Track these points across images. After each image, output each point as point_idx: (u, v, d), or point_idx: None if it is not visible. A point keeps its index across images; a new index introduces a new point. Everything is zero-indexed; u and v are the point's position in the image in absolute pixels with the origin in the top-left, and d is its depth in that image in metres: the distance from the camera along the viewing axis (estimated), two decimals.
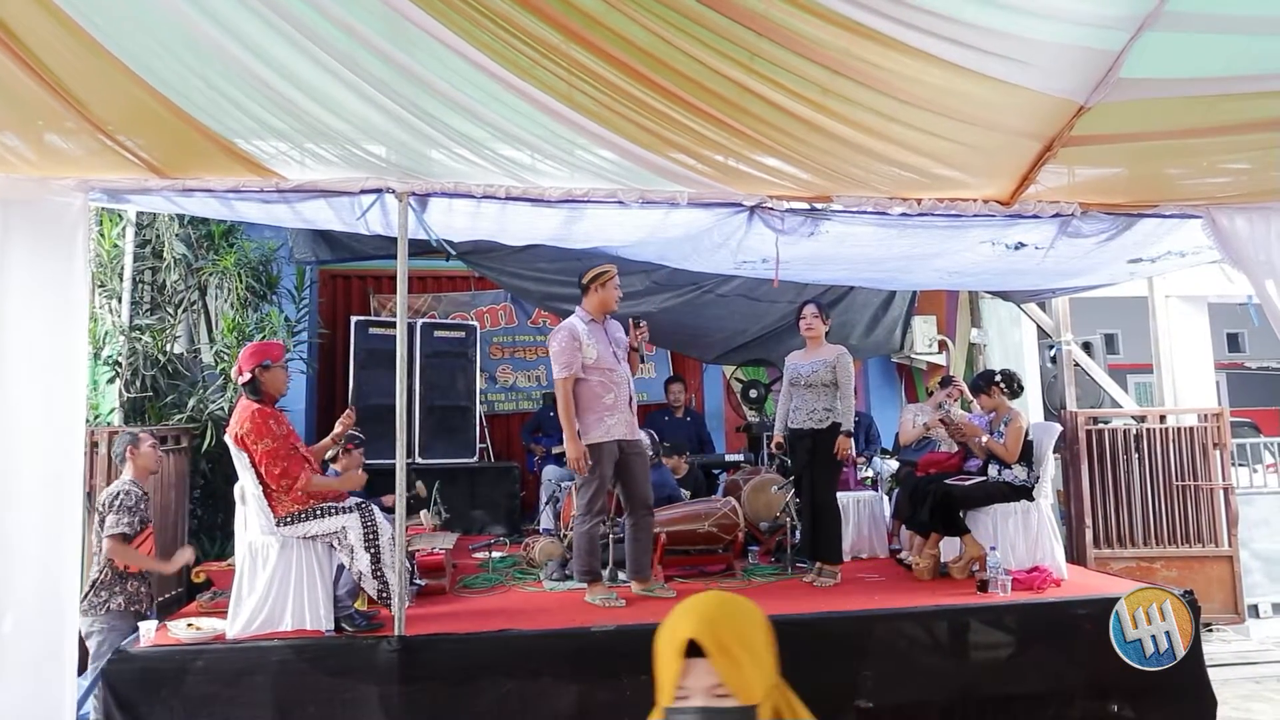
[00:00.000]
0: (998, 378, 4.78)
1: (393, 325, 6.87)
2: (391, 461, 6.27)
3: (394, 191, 3.65)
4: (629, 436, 4.27)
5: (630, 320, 4.44)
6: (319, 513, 3.53)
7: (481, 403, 7.72)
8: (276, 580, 3.50)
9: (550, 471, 6.42)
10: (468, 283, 8.20)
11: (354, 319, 6.66)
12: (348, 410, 3.92)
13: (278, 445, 3.53)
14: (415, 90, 3.32)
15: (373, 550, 3.51)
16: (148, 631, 3.37)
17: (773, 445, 4.91)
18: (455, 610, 4.03)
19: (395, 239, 5.49)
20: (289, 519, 3.50)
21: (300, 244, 5.88)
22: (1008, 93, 3.20)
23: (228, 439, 3.55)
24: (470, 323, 7.31)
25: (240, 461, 3.52)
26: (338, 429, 3.97)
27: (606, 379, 4.20)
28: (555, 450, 6.66)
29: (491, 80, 3.22)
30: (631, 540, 4.31)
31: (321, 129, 3.49)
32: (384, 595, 3.50)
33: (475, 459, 6.76)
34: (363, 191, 3.65)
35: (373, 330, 6.57)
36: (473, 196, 3.72)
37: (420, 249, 5.88)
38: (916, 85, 3.08)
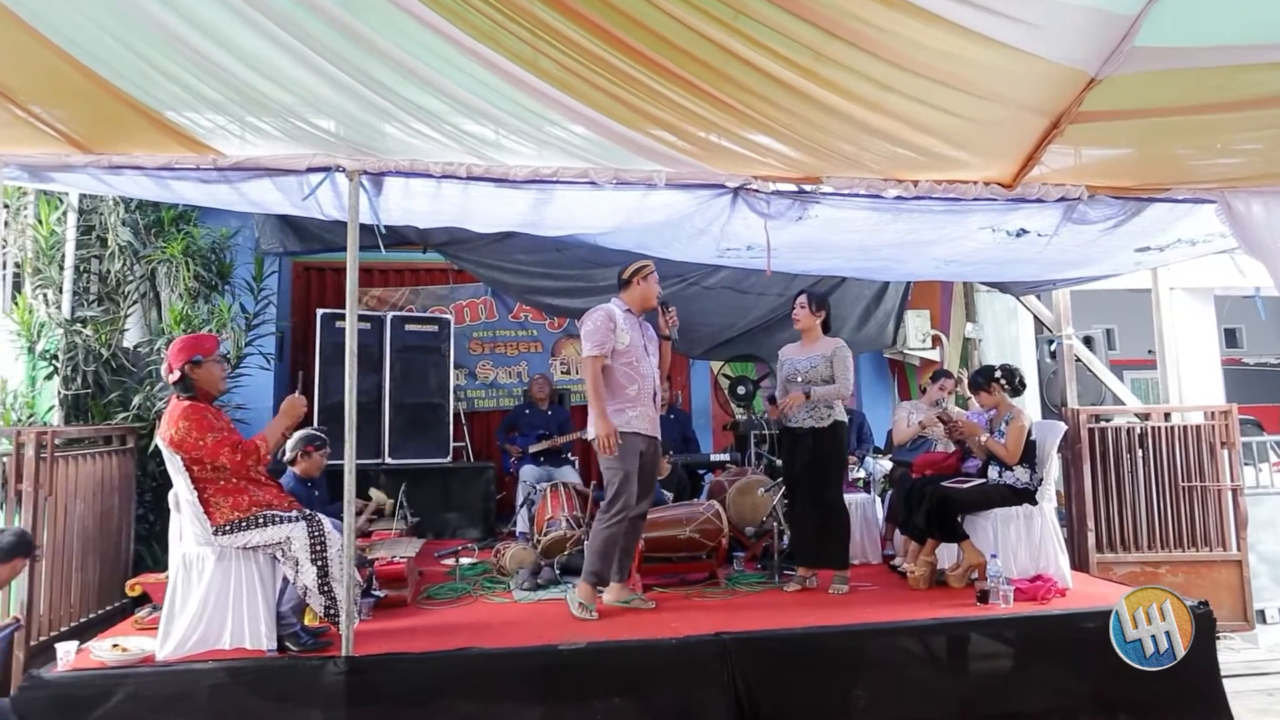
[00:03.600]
0: (998, 374, 4.50)
1: (364, 319, 6.61)
2: (359, 462, 6.04)
3: (344, 170, 3.34)
4: (649, 432, 4.04)
5: (659, 306, 4.20)
6: (261, 521, 3.22)
7: (460, 400, 7.46)
8: (213, 595, 3.19)
9: (527, 472, 6.13)
10: (446, 275, 7.92)
11: (319, 312, 6.34)
12: (298, 396, 3.53)
13: (223, 435, 3.22)
14: (364, 57, 3.03)
15: (320, 563, 3.20)
16: (66, 654, 3.05)
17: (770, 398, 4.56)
18: (414, 625, 3.73)
19: (371, 228, 5.29)
20: (227, 527, 3.19)
21: (267, 234, 5.57)
22: (1015, 60, 2.92)
23: (159, 441, 3.23)
24: (443, 316, 7.00)
25: (173, 465, 3.20)
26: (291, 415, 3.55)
27: (632, 370, 3.99)
28: (532, 449, 6.38)
29: (448, 45, 2.93)
30: (625, 534, 4.01)
31: (261, 100, 3.18)
32: (332, 611, 3.20)
33: (448, 459, 6.46)
34: (310, 170, 3.34)
35: (340, 324, 6.23)
36: (431, 176, 3.42)
37: (398, 239, 5.62)
38: (917, 50, 2.80)
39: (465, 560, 4.93)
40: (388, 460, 6.17)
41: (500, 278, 6.26)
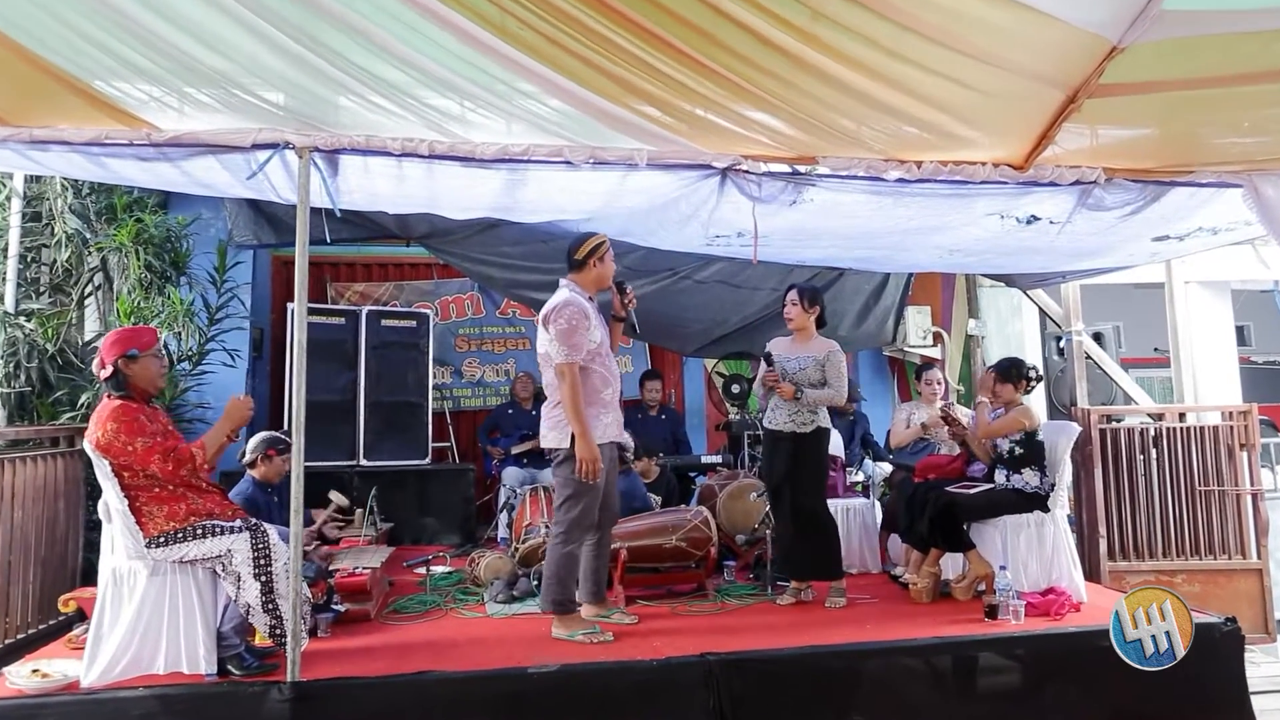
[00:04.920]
0: (1030, 371, 4.20)
1: (337, 314, 6.33)
2: (329, 464, 5.75)
3: (292, 146, 3.04)
4: (619, 438, 3.71)
5: (613, 285, 3.77)
6: (199, 532, 2.92)
7: (446, 399, 7.19)
8: (146, 614, 2.89)
9: (510, 475, 5.83)
10: (431, 270, 7.65)
11: (290, 306, 6.03)
12: (242, 396, 3.21)
13: (155, 440, 2.92)
14: (313, 20, 2.74)
15: (264, 578, 2.91)
16: None
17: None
18: (375, 643, 3.43)
19: (348, 220, 5.00)
20: (161, 539, 2.90)
21: (240, 226, 5.30)
22: (1032, 24, 2.65)
23: (86, 445, 2.93)
24: (423, 311, 6.70)
25: (101, 470, 2.91)
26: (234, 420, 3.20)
27: (606, 370, 3.61)
28: (514, 450, 6.09)
29: (406, 6, 2.64)
30: (593, 554, 3.71)
31: (201, 70, 2.90)
32: (278, 631, 2.91)
33: (427, 460, 6.16)
34: (255, 146, 3.04)
35: (312, 319, 5.91)
36: (390, 154, 3.12)
37: (379, 232, 5.33)
38: (924, 8, 2.52)
39: (439, 569, 4.64)
40: (362, 462, 5.87)
41: (486, 271, 5.99)
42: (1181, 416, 5.30)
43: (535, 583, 4.21)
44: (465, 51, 2.83)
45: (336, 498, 4.47)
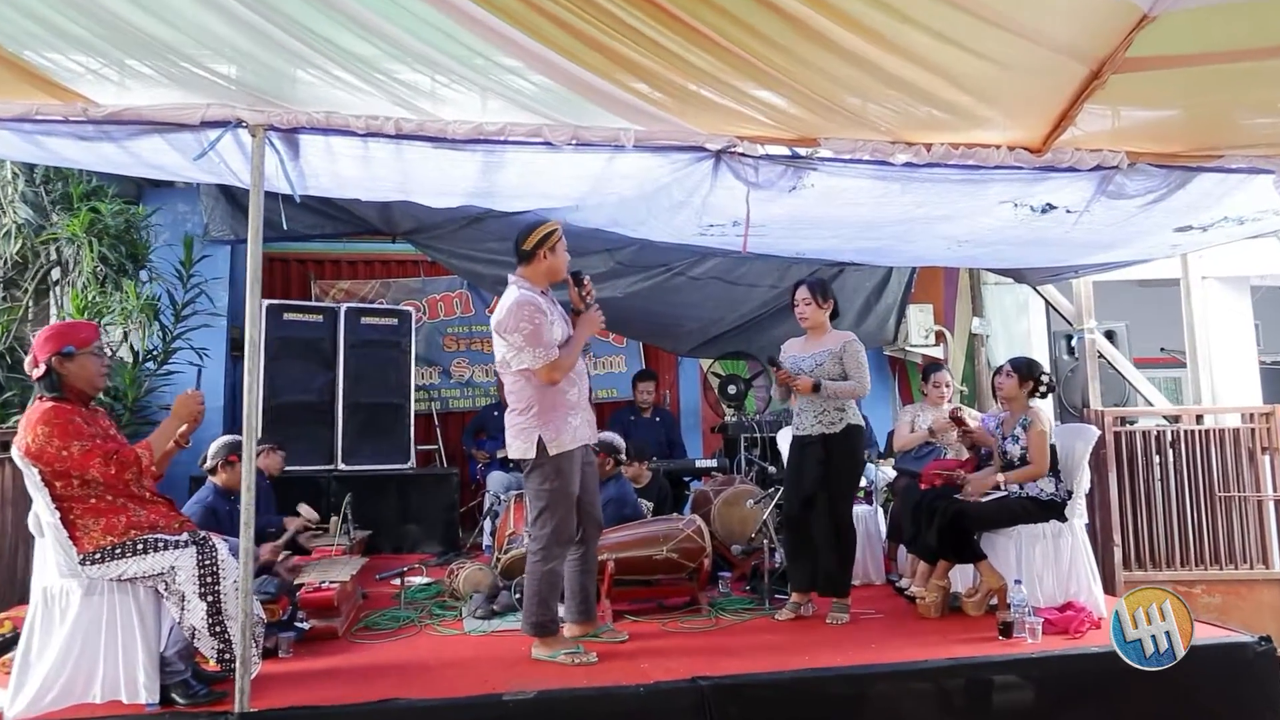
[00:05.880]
0: (1043, 376, 3.96)
1: (315, 311, 6.06)
2: (306, 468, 5.48)
3: (245, 124, 2.77)
4: (591, 440, 3.47)
5: (569, 277, 3.48)
6: (139, 547, 2.65)
7: (434, 400, 6.93)
8: (80, 637, 2.63)
9: (495, 480, 5.57)
10: (418, 268, 7.39)
11: (265, 303, 5.76)
12: (192, 392, 2.94)
13: (95, 443, 2.65)
14: None
15: (211, 597, 2.65)
16: None
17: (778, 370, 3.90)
18: (339, 665, 3.17)
19: (329, 215, 4.74)
20: (97, 555, 2.63)
21: (216, 220, 5.03)
22: None
23: (13, 451, 2.66)
24: (404, 309, 6.44)
25: (30, 480, 2.64)
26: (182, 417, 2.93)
27: (572, 370, 3.36)
28: (500, 454, 5.82)
29: None
30: (579, 570, 3.45)
31: (143, 40, 2.63)
32: (226, 657, 2.65)
33: (409, 464, 5.89)
34: (204, 124, 2.77)
35: (288, 316, 5.69)
36: (353, 133, 2.86)
37: (363, 227, 5.08)
38: None
39: (416, 580, 4.37)
40: (340, 466, 5.61)
41: (473, 268, 5.73)
42: (1199, 419, 5.06)
43: (517, 596, 3.95)
44: (435, 17, 2.57)
45: (306, 511, 4.22)
